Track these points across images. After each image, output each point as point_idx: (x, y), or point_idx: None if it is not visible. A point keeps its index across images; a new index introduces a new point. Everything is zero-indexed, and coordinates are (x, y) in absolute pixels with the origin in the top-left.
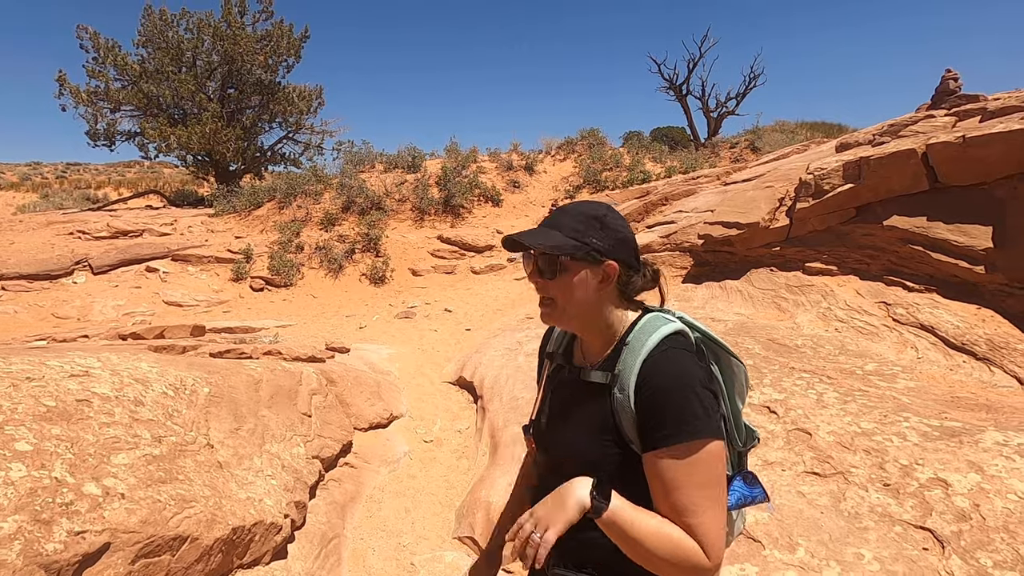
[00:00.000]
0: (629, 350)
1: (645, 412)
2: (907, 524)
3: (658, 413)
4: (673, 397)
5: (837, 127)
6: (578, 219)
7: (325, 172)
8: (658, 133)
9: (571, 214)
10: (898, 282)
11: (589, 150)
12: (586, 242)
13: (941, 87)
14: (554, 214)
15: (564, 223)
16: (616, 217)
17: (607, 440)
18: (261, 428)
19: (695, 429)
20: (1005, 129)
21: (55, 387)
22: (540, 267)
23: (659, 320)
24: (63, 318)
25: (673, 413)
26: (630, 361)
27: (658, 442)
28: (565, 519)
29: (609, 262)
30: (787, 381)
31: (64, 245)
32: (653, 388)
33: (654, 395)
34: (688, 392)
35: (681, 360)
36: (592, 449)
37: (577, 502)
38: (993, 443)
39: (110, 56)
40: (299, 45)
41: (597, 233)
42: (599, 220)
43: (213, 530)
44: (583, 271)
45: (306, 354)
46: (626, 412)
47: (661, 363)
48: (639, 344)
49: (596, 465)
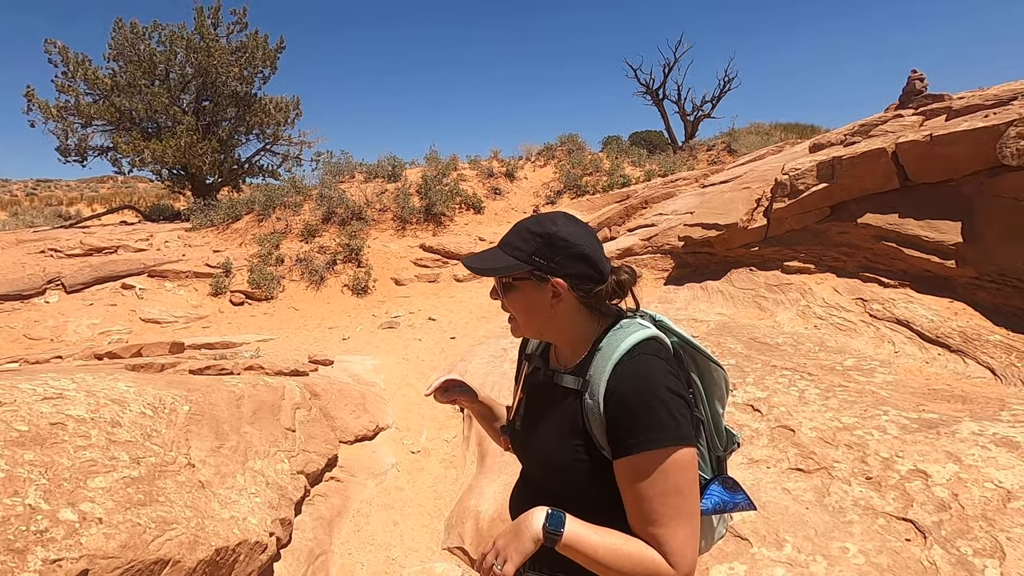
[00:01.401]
0: (600, 356)
1: (613, 419)
2: (890, 516)
3: (626, 420)
4: (640, 405)
5: (810, 128)
6: (521, 237)
7: (304, 183)
8: (636, 137)
9: (517, 232)
10: (874, 278)
11: (569, 155)
12: (527, 261)
13: (908, 87)
14: (508, 232)
15: (510, 242)
16: (569, 231)
17: (577, 444)
18: (244, 445)
19: (660, 437)
20: (970, 127)
21: (27, 411)
22: (496, 287)
23: (632, 327)
24: (36, 339)
25: (640, 421)
26: (600, 367)
27: (626, 449)
28: (521, 552)
29: (556, 280)
30: (769, 379)
31: (35, 264)
32: (621, 395)
33: (622, 402)
34: (655, 400)
35: (650, 366)
36: (561, 453)
37: (532, 535)
38: (969, 433)
39: (80, 70)
40: (275, 56)
41: (541, 251)
42: (544, 237)
43: (196, 552)
44: (529, 289)
45: (289, 368)
46: (596, 418)
47: (630, 369)
48: (610, 350)
49: (565, 469)
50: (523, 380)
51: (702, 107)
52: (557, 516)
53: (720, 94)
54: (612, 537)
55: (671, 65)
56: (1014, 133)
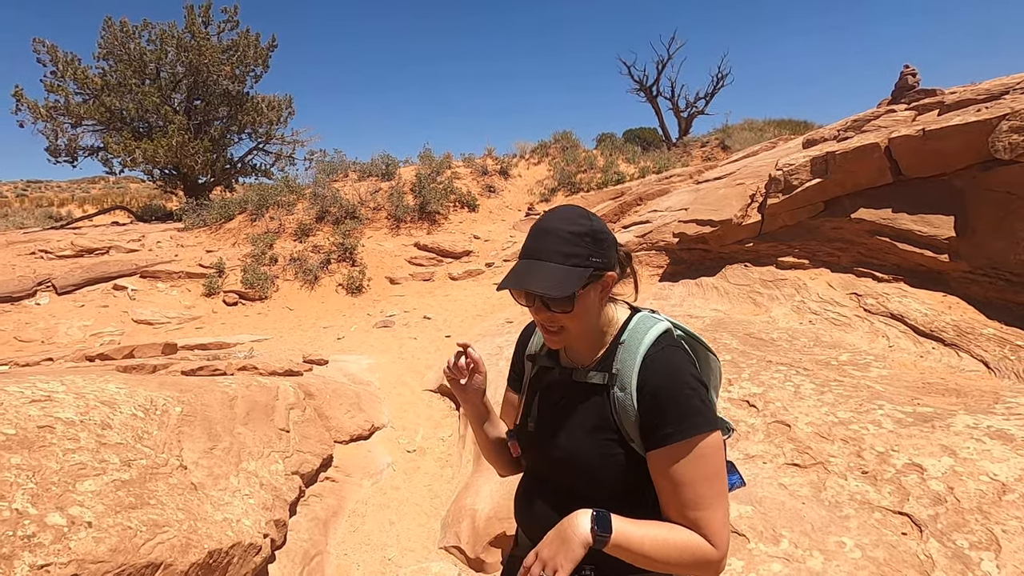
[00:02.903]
0: (625, 350)
1: (648, 411)
2: (886, 510)
3: (660, 411)
4: (675, 394)
5: (803, 124)
6: (571, 243)
7: (297, 182)
8: (630, 134)
9: (561, 237)
10: (868, 273)
11: (563, 153)
12: (588, 264)
13: (900, 82)
14: (541, 239)
15: (558, 250)
16: (597, 222)
17: (608, 440)
18: (237, 446)
19: (698, 424)
20: (962, 122)
21: (14, 414)
22: (548, 305)
23: (649, 319)
24: (26, 341)
25: (676, 410)
26: (628, 361)
27: (662, 440)
28: (572, 559)
29: (609, 274)
30: (765, 374)
31: (25, 265)
32: (655, 387)
33: (656, 394)
34: (687, 388)
35: (678, 357)
36: (593, 450)
37: (581, 540)
38: (964, 427)
39: (69, 70)
40: (266, 54)
41: (595, 250)
42: (591, 235)
43: (188, 555)
44: (591, 293)
45: (283, 368)
46: (627, 411)
47: (660, 362)
48: (635, 343)
49: (595, 466)
50: (529, 381)
51: (696, 104)
52: (604, 517)
53: (714, 91)
54: (656, 529)
55: (665, 62)
56: (1006, 127)
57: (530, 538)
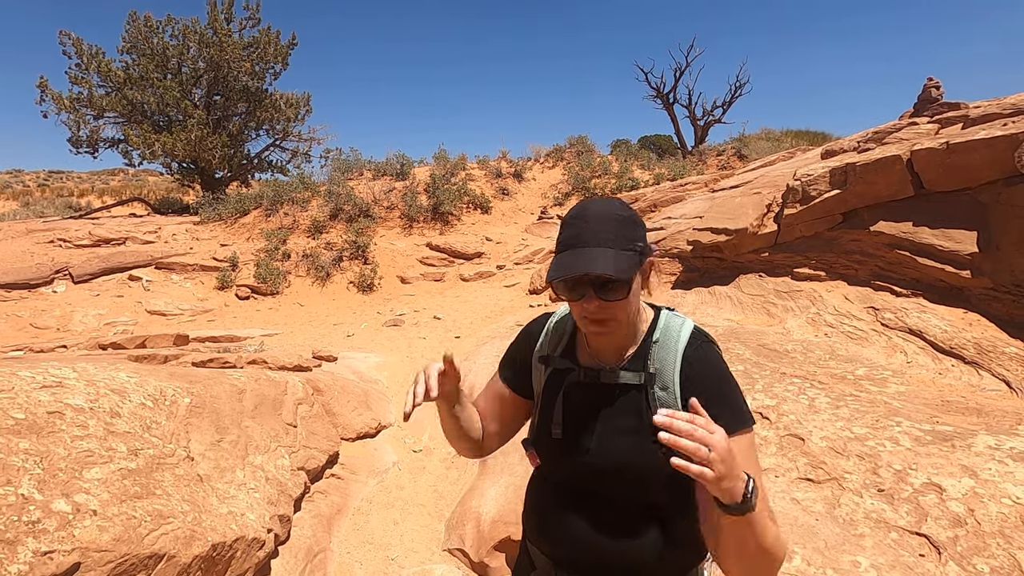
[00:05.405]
0: (660, 347)
1: None
2: (903, 530)
3: (711, 408)
4: (723, 391)
5: (821, 135)
6: (621, 227)
7: (312, 180)
8: (646, 141)
9: (610, 223)
10: (886, 287)
11: (577, 157)
12: (635, 249)
13: (923, 95)
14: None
15: (610, 235)
16: (631, 207)
17: (650, 440)
18: (244, 439)
19: (744, 419)
20: (988, 136)
21: (25, 399)
22: (604, 295)
23: (677, 317)
24: (42, 328)
25: (725, 406)
26: (666, 358)
27: None
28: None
29: (650, 259)
30: (779, 387)
31: (44, 254)
32: (700, 385)
33: (702, 392)
34: (729, 384)
35: (714, 354)
36: (633, 452)
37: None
38: (985, 447)
39: (93, 62)
40: (286, 52)
41: (640, 234)
42: (634, 221)
43: (192, 547)
44: (638, 278)
45: (292, 363)
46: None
47: (702, 359)
48: (671, 341)
49: (638, 467)
50: (544, 384)
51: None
52: (754, 487)
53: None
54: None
55: (682, 69)
56: None
57: (554, 559)
